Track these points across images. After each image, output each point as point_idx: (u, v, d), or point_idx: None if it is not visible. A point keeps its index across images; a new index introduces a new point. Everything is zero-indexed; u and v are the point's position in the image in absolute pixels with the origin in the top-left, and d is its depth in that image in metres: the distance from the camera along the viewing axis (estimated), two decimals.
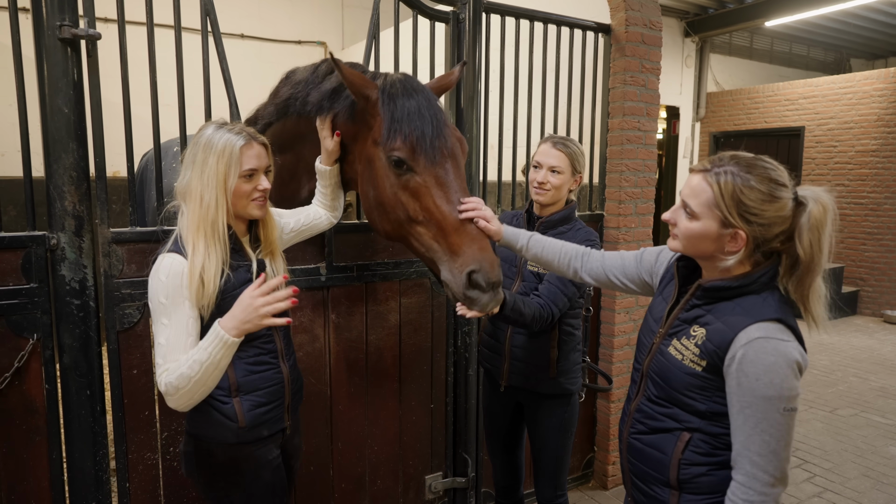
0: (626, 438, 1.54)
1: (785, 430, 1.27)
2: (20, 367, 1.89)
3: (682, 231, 1.39)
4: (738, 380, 1.28)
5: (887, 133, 7.62)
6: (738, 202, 1.30)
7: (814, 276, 1.32)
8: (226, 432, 1.61)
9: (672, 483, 1.42)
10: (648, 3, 3.11)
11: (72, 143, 1.88)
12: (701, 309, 1.40)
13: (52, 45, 1.82)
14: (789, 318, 1.32)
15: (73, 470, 2.00)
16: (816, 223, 1.29)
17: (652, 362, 1.48)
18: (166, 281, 1.51)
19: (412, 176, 1.76)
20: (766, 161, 1.35)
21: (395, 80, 1.84)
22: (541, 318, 2.06)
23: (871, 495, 3.34)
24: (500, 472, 2.45)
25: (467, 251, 1.69)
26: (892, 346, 6.43)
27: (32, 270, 1.89)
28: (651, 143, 3.22)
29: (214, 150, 1.54)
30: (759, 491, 1.27)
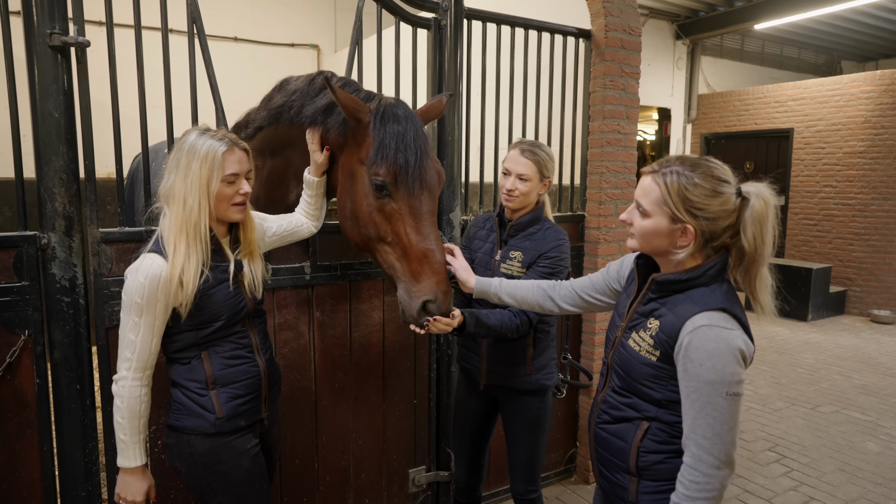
0: (593, 428, 1.62)
1: (729, 414, 1.33)
2: (12, 362, 1.96)
3: (637, 229, 1.48)
4: (685, 366, 1.36)
5: (874, 135, 7.72)
6: (684, 198, 1.39)
7: (759, 266, 1.40)
8: (204, 423, 1.69)
9: (632, 470, 1.50)
10: (628, 9, 3.19)
11: (62, 147, 1.96)
12: (656, 302, 1.49)
13: (42, 52, 1.90)
14: (734, 308, 1.39)
15: (64, 462, 2.07)
16: (759, 217, 1.37)
17: (615, 355, 1.56)
18: (144, 282, 1.58)
19: (389, 201, 1.89)
20: (710, 161, 1.44)
21: (388, 105, 1.93)
22: (514, 327, 2.13)
23: (845, 489, 3.43)
24: (465, 470, 2.49)
25: (426, 281, 1.85)
26: (878, 345, 6.52)
27: (24, 269, 1.96)
28: (631, 145, 3.30)
29: (198, 156, 1.61)
30: (705, 472, 1.34)
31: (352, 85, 2.10)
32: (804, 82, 8.45)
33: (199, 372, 1.70)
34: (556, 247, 2.20)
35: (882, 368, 5.71)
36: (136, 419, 1.66)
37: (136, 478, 1.70)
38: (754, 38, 10.42)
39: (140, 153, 3.50)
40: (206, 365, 1.70)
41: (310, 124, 2.02)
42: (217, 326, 1.69)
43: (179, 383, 1.72)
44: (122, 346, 1.63)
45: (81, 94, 2.00)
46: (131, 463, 1.68)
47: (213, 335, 1.70)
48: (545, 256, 2.19)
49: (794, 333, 7.04)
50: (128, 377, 1.64)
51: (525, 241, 2.24)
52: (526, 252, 2.21)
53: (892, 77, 7.58)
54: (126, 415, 1.64)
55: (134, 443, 1.67)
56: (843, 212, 8.07)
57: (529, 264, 2.20)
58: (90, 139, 2.03)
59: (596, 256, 3.26)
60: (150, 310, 1.60)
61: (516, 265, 2.21)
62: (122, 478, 1.71)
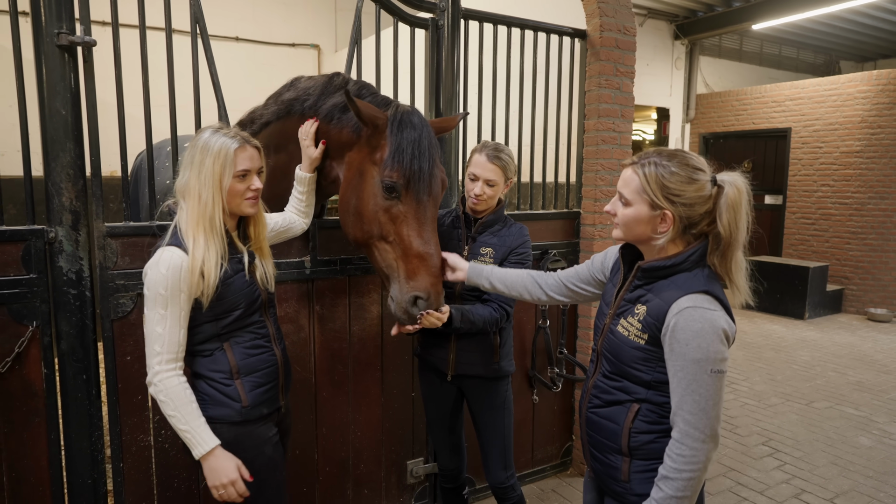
0: (584, 413, 1.69)
1: (713, 390, 1.40)
2: (20, 352, 2.02)
3: (620, 218, 1.56)
4: (672, 346, 1.43)
5: (871, 134, 7.77)
6: (662, 185, 1.47)
7: (734, 250, 1.48)
8: (231, 412, 1.75)
9: (623, 450, 1.56)
10: (622, 9, 3.24)
11: (69, 143, 2.02)
12: (643, 289, 1.55)
13: (50, 51, 1.96)
14: (716, 290, 1.46)
15: (71, 450, 2.13)
16: (733, 203, 1.45)
17: (604, 341, 1.63)
18: (166, 273, 1.63)
19: (397, 203, 1.99)
20: (686, 152, 1.52)
21: (405, 112, 2.02)
22: (495, 321, 2.25)
23: (836, 482, 3.48)
24: (448, 457, 2.54)
25: (421, 280, 1.97)
26: (874, 343, 6.57)
27: (32, 262, 2.02)
28: (626, 143, 3.35)
29: (211, 152, 1.68)
30: (691, 446, 1.41)
31: (368, 88, 2.17)
32: (802, 82, 8.50)
33: (223, 362, 1.75)
34: (523, 243, 2.34)
35: (877, 365, 5.76)
36: (187, 405, 1.67)
37: (218, 459, 1.68)
38: (753, 39, 10.47)
39: (142, 152, 3.58)
40: (230, 355, 1.75)
41: (326, 119, 2.10)
42: (236, 315, 1.75)
43: (204, 375, 1.76)
44: (151, 340, 1.66)
45: (87, 93, 2.06)
46: (206, 448, 1.67)
47: (233, 325, 1.75)
48: (515, 252, 2.31)
49: (790, 331, 7.09)
50: (161, 370, 1.66)
51: (492, 237, 2.34)
52: (496, 248, 2.32)
53: (888, 77, 7.63)
54: (175, 406, 1.66)
55: (197, 428, 1.67)
56: (840, 211, 8.12)
57: (501, 260, 2.30)
58: (96, 136, 2.08)
59: (591, 252, 3.31)
60: (175, 300, 1.64)
61: (488, 261, 2.31)
62: (206, 467, 1.69)
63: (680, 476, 1.41)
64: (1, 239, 1.97)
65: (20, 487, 2.07)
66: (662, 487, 1.44)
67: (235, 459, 1.71)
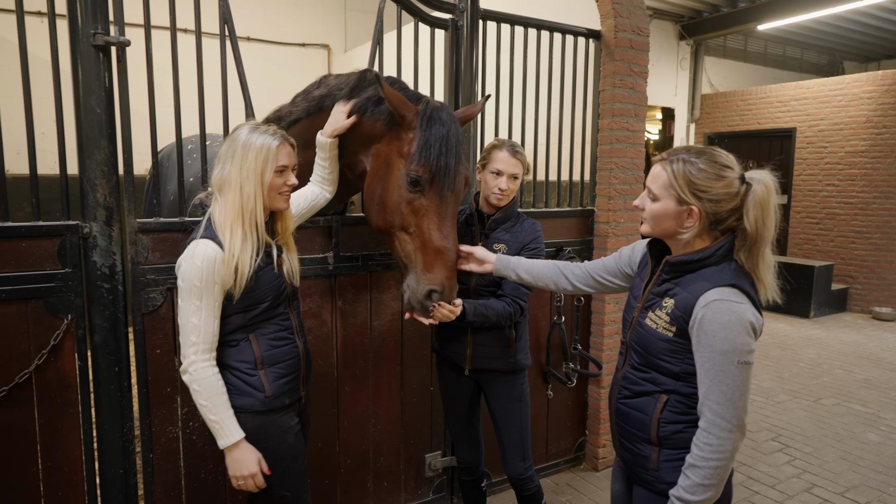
0: (614, 404, 1.74)
1: (740, 381, 1.44)
2: (55, 344, 2.07)
3: (648, 213, 1.60)
4: (699, 338, 1.47)
5: (876, 134, 7.81)
6: (689, 181, 1.51)
7: (761, 247, 1.50)
8: (254, 402, 1.80)
9: (653, 440, 1.61)
10: (636, 10, 3.29)
11: (103, 141, 2.07)
12: (670, 283, 1.59)
13: (86, 51, 2.01)
14: (743, 284, 1.49)
15: (103, 441, 2.18)
16: (761, 200, 1.48)
17: (633, 334, 1.67)
18: (201, 266, 1.68)
19: (420, 197, 2.05)
20: (715, 150, 1.55)
21: (435, 108, 2.07)
22: (508, 315, 2.29)
23: (846, 476, 3.52)
24: (466, 449, 2.58)
25: (437, 274, 2.03)
26: (879, 341, 6.62)
27: (67, 256, 2.07)
28: (639, 142, 3.40)
29: (253, 147, 1.73)
30: (718, 435, 1.45)
31: (399, 83, 2.22)
32: (806, 82, 8.54)
33: (248, 353, 1.80)
34: (535, 238, 2.38)
35: (883, 363, 5.80)
36: (219, 397, 1.73)
37: (242, 451, 1.75)
38: (757, 39, 10.51)
39: (161, 150, 3.63)
40: (255, 346, 1.80)
41: (360, 112, 2.15)
42: (263, 308, 1.80)
43: (229, 365, 1.81)
44: (186, 331, 1.71)
45: (121, 91, 2.11)
46: (231, 439, 1.73)
47: (260, 317, 1.80)
48: (527, 248, 2.36)
49: (796, 330, 7.13)
50: (197, 360, 1.72)
51: (505, 233, 2.38)
52: (509, 244, 2.36)
53: (893, 77, 7.67)
54: (207, 396, 1.72)
55: (226, 419, 1.73)
56: (845, 210, 8.16)
57: (514, 255, 2.33)
58: (129, 134, 2.14)
59: (605, 250, 3.36)
60: (209, 292, 1.69)
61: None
62: (230, 457, 1.75)
63: (707, 465, 1.45)
64: (38, 234, 2.02)
65: (55, 477, 2.12)
66: (689, 475, 1.48)
67: (257, 453, 1.77)
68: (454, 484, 3.09)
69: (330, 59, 8.37)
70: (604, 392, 3.47)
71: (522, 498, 2.51)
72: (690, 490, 1.47)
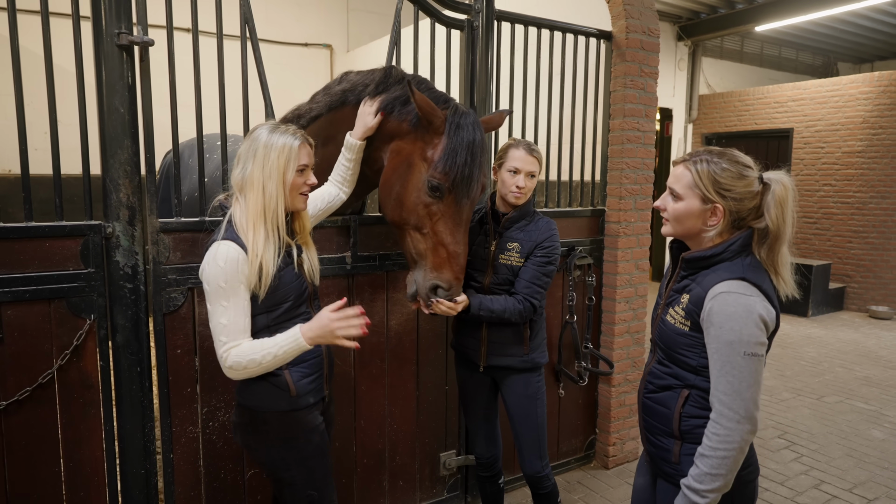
0: (641, 399, 1.78)
1: (747, 372, 1.46)
2: (78, 345, 2.07)
3: (671, 213, 1.64)
4: (708, 329, 1.52)
5: (872, 135, 7.89)
6: (714, 181, 1.56)
7: (781, 244, 1.55)
8: (280, 401, 1.80)
9: (675, 434, 1.65)
10: (647, 11, 3.31)
11: (126, 140, 2.07)
12: (688, 279, 1.64)
13: (110, 50, 2.01)
14: (755, 277, 1.52)
15: (124, 441, 2.18)
16: (780, 199, 1.54)
17: (657, 331, 1.73)
18: (225, 266, 1.68)
19: (438, 202, 2.09)
20: (733, 151, 1.61)
21: (463, 115, 2.08)
22: (518, 312, 2.30)
23: (853, 473, 3.56)
24: (483, 443, 2.59)
25: (446, 272, 2.10)
26: (877, 339, 6.69)
27: (90, 256, 2.06)
28: (649, 142, 3.42)
29: (275, 147, 1.74)
30: (725, 426, 1.48)
31: (426, 83, 2.23)
32: (804, 83, 8.62)
33: None
34: (549, 237, 2.38)
35: (882, 361, 5.87)
36: (263, 344, 1.70)
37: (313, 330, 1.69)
38: (753, 40, 10.59)
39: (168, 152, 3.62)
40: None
41: (386, 110, 2.16)
42: (286, 307, 1.80)
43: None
44: (216, 332, 1.71)
45: (143, 91, 2.11)
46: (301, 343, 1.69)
47: (282, 316, 1.80)
48: (541, 247, 2.36)
49: (795, 328, 7.19)
50: (230, 351, 1.70)
51: (519, 232, 2.39)
52: (522, 243, 2.37)
53: (889, 78, 7.76)
54: (259, 354, 1.68)
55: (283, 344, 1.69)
56: (842, 210, 8.24)
57: (527, 255, 2.36)
58: (151, 134, 2.13)
59: (616, 249, 3.38)
60: (235, 291, 1.69)
61: (515, 255, 2.37)
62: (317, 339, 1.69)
63: (715, 454, 1.49)
64: (61, 234, 2.02)
65: (77, 477, 2.11)
66: (699, 464, 1.52)
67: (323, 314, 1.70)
68: (468, 483, 3.10)
69: (332, 58, 8.38)
70: (614, 391, 3.49)
71: (538, 496, 2.53)
72: (699, 479, 1.51)
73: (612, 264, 3.41)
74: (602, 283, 3.47)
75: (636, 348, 3.57)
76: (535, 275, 2.34)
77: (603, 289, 3.48)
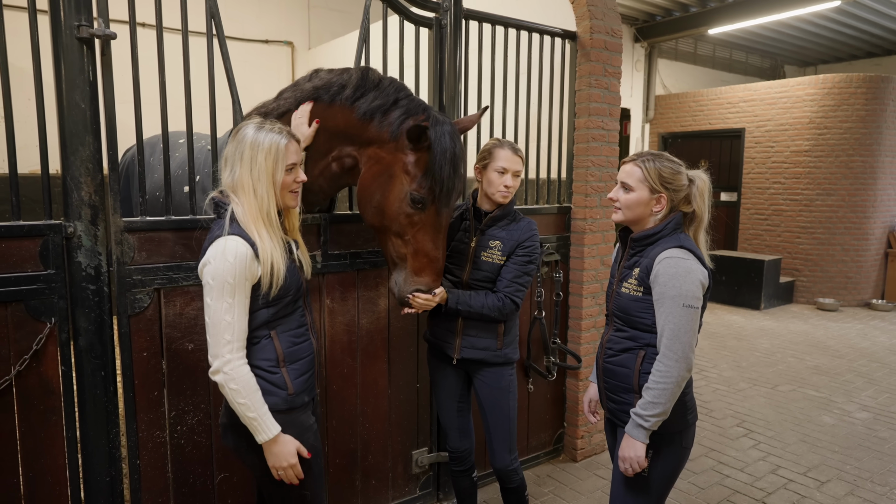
0: (601, 364, 2.10)
1: (685, 321, 1.81)
2: (38, 349, 1.99)
3: (623, 202, 1.99)
4: (655, 288, 1.87)
5: (818, 135, 8.25)
6: (660, 175, 1.94)
7: (701, 225, 1.99)
8: (277, 400, 1.77)
9: (635, 388, 1.96)
10: (610, 12, 3.39)
11: (88, 137, 2.00)
12: (637, 256, 1.99)
13: (69, 43, 1.94)
14: (689, 245, 1.90)
15: (88, 448, 2.10)
16: (702, 191, 1.97)
17: (614, 303, 2.05)
18: (234, 262, 1.64)
19: (419, 212, 2.13)
20: (666, 153, 2.00)
21: (444, 130, 2.08)
22: (497, 309, 2.34)
23: (807, 457, 3.73)
24: (456, 437, 2.61)
25: (426, 276, 2.17)
26: (825, 331, 7.00)
27: (50, 257, 1.98)
28: (613, 141, 3.50)
29: (262, 148, 1.71)
30: (666, 364, 1.83)
31: (405, 90, 2.22)
32: (754, 84, 8.94)
33: (270, 350, 1.77)
34: (531, 237, 2.41)
35: (830, 351, 6.15)
36: (255, 393, 1.70)
37: (280, 444, 1.74)
38: (706, 43, 10.93)
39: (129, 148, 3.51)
40: (276, 343, 1.78)
41: (363, 116, 2.14)
42: (286, 302, 1.78)
43: (251, 364, 1.75)
44: (219, 330, 1.66)
45: (105, 86, 2.04)
46: (270, 434, 1.71)
47: (281, 311, 1.78)
48: (522, 246, 2.39)
49: (748, 321, 7.46)
50: (233, 359, 1.67)
51: (501, 231, 2.41)
52: (504, 241, 2.39)
53: (833, 81, 8.13)
54: (246, 394, 1.68)
55: (263, 415, 1.70)
56: (791, 207, 8.59)
57: (509, 253, 2.39)
58: (114, 130, 2.07)
59: (582, 246, 3.45)
60: (241, 289, 1.66)
61: (497, 254, 2.39)
62: (269, 451, 1.74)
63: (657, 387, 1.83)
64: (18, 234, 1.93)
65: (37, 487, 2.03)
66: (644, 395, 1.87)
67: (295, 442, 1.76)
68: (441, 480, 3.11)
69: (294, 56, 8.25)
70: (582, 385, 3.55)
71: (506, 490, 2.56)
72: (644, 406, 1.85)
73: (579, 260, 3.48)
74: (569, 279, 3.53)
75: None
76: (517, 273, 2.37)
77: (570, 285, 3.54)
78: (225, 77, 2.37)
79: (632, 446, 1.89)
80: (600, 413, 2.31)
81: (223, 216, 1.74)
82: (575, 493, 3.26)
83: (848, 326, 7.24)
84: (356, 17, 2.53)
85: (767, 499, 3.23)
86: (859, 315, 7.87)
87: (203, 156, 2.68)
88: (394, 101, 2.14)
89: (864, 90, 8.03)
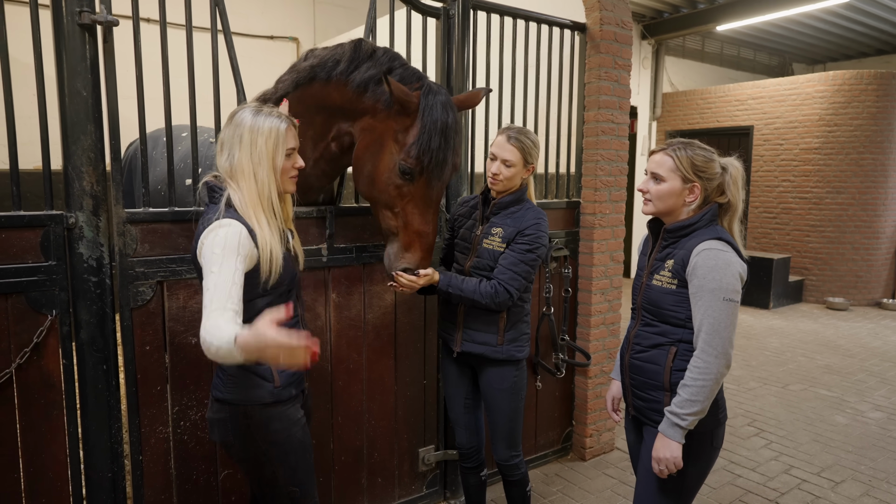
0: (627, 360, 2.00)
1: (725, 315, 1.73)
2: (39, 342, 1.95)
3: (654, 194, 1.89)
4: (693, 280, 1.78)
5: (828, 132, 8.16)
6: (692, 164, 1.84)
7: (735, 215, 1.89)
8: (263, 393, 1.72)
9: (665, 386, 1.87)
10: (620, 4, 3.33)
11: (90, 126, 1.96)
12: (670, 248, 1.90)
13: (71, 30, 1.90)
14: (727, 237, 1.83)
15: (90, 443, 2.06)
16: (735, 178, 1.87)
17: (643, 296, 1.95)
18: (224, 235, 1.55)
19: (409, 184, 2.08)
20: (697, 141, 1.91)
21: (436, 97, 2.04)
22: (490, 296, 2.24)
23: (820, 457, 3.66)
24: (464, 433, 2.56)
25: (414, 252, 2.14)
26: (835, 330, 6.92)
27: (51, 248, 1.95)
28: (623, 134, 3.44)
29: (262, 132, 1.66)
30: (705, 360, 1.75)
31: (399, 59, 2.17)
32: (763, 82, 8.86)
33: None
34: (533, 225, 2.30)
35: (841, 350, 6.07)
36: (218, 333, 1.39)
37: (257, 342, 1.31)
38: (714, 40, 10.85)
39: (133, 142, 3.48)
40: None
41: (357, 87, 2.11)
42: (281, 291, 1.74)
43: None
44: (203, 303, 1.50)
45: (108, 74, 2.00)
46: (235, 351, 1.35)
47: (275, 301, 1.73)
48: (522, 234, 2.30)
49: (757, 320, 7.38)
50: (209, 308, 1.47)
51: (506, 218, 2.35)
52: (506, 229, 2.33)
53: (843, 78, 8.03)
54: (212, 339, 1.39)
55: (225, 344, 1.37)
56: (800, 205, 8.50)
57: (509, 241, 2.31)
58: (116, 119, 2.03)
59: (591, 241, 3.39)
60: (228, 260, 1.53)
61: (497, 241, 2.33)
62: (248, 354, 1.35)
63: (695, 384, 1.75)
64: (19, 224, 1.90)
65: (38, 483, 1.99)
66: (681, 393, 1.77)
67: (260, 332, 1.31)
68: (447, 478, 3.06)
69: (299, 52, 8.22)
70: (591, 382, 3.50)
71: (508, 483, 2.54)
72: (681, 404, 1.76)
73: (588, 256, 3.42)
74: (578, 274, 3.48)
75: (612, 339, 3.58)
76: (513, 261, 2.27)
77: (579, 280, 3.48)
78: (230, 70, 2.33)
79: (667, 446, 1.78)
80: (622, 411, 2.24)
81: (217, 201, 1.68)
82: (584, 493, 3.21)
83: (858, 326, 7.15)
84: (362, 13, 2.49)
85: (781, 499, 3.17)
86: (870, 314, 7.77)
87: (206, 149, 2.64)
88: (387, 70, 2.10)
89: (875, 87, 7.94)
